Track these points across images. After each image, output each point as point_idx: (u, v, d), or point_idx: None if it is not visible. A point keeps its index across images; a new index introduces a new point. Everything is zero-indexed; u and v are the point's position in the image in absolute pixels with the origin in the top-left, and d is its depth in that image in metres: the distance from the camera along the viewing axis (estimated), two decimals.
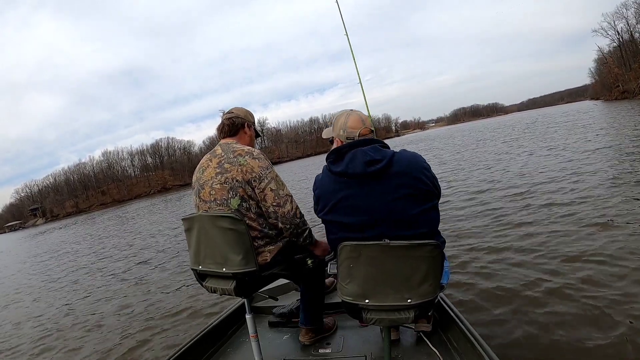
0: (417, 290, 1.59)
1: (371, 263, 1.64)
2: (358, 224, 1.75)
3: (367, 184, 1.74)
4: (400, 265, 1.60)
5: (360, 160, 1.74)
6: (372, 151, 1.77)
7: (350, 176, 1.76)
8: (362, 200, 1.74)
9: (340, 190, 1.80)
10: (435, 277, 1.61)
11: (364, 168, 1.72)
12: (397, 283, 1.62)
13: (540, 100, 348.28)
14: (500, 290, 3.55)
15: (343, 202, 1.78)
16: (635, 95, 55.27)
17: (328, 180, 1.88)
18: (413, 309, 1.61)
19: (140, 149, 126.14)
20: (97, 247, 14.46)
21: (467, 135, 38.33)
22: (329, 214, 1.86)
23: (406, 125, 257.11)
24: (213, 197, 2.03)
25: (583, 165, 8.57)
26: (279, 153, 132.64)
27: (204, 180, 2.09)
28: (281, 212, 2.01)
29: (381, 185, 1.72)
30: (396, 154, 1.78)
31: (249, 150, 2.07)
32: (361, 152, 1.77)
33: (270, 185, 2.01)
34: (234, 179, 1.99)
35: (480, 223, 5.92)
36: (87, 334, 4.90)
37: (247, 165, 2.00)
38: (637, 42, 60.91)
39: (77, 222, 45.85)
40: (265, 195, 2.00)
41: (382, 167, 1.71)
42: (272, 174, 2.04)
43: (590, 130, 17.09)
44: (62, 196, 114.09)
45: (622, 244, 3.91)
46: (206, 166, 2.12)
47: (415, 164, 1.76)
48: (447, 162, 16.12)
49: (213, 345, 2.64)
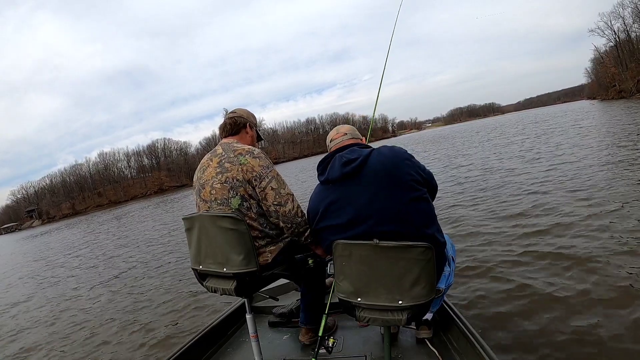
0: (409, 293, 1.60)
1: (362, 262, 1.67)
2: (345, 224, 1.76)
3: (346, 184, 1.77)
4: (391, 266, 1.61)
5: (337, 163, 1.80)
6: (349, 153, 1.83)
7: (332, 181, 1.82)
8: (346, 201, 1.77)
9: (326, 197, 1.84)
10: (429, 280, 1.60)
11: (340, 170, 1.77)
12: (388, 283, 1.63)
13: (536, 100, 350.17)
14: (501, 291, 3.55)
15: (330, 208, 1.82)
16: (632, 94, 55.52)
17: (318, 192, 1.93)
18: (405, 311, 1.61)
19: (137, 150, 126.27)
20: (96, 248, 14.41)
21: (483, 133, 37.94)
22: (319, 222, 1.89)
23: (403, 126, 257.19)
24: (214, 197, 2.03)
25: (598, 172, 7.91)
26: (275, 154, 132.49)
27: (205, 180, 2.08)
28: (282, 211, 2.00)
29: (360, 183, 1.74)
30: (374, 151, 1.82)
31: (249, 150, 2.07)
32: (339, 157, 1.84)
33: (271, 184, 2.00)
34: (235, 178, 1.99)
35: (482, 223, 5.92)
36: (87, 334, 4.88)
37: (248, 165, 2.00)
38: (634, 42, 61.14)
39: (70, 226, 45.52)
40: (266, 194, 1.99)
41: (358, 165, 1.75)
42: (273, 173, 2.03)
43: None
44: (59, 198, 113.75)
45: (628, 247, 3.87)
46: (207, 166, 2.12)
47: (393, 157, 1.77)
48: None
49: (213, 345, 2.65)
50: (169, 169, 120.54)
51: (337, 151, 1.91)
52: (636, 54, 59.70)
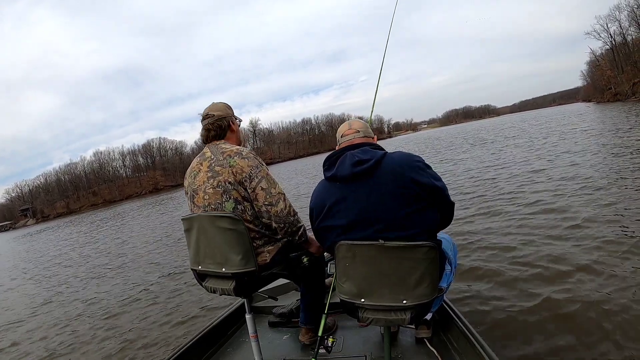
0: (413, 292, 1.59)
1: (367, 263, 1.65)
2: (349, 225, 1.72)
3: (355, 185, 1.72)
4: (396, 266, 1.61)
5: (348, 162, 1.74)
6: (361, 153, 1.76)
7: (340, 179, 1.75)
8: (352, 202, 1.71)
9: (332, 195, 1.78)
10: (432, 280, 1.61)
11: (351, 169, 1.71)
12: (392, 283, 1.62)
13: (532, 102, 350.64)
14: (501, 291, 3.56)
15: (335, 207, 1.76)
16: (627, 97, 55.79)
17: (322, 189, 1.87)
18: (409, 310, 1.61)
19: (132, 149, 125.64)
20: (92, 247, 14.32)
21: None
22: (323, 221, 1.83)
23: (398, 127, 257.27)
24: (207, 202, 2.01)
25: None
26: (271, 154, 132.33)
27: (197, 186, 2.06)
28: (274, 211, 1.97)
29: (369, 185, 1.68)
30: (388, 154, 1.76)
31: (237, 151, 2.03)
32: (350, 155, 1.77)
33: (261, 184, 1.97)
34: (226, 181, 1.96)
35: (483, 222, 5.95)
36: (85, 334, 4.86)
37: (237, 166, 1.97)
38: (630, 45, 61.43)
39: (68, 224, 45.32)
40: (257, 194, 1.97)
41: (369, 166, 1.68)
42: (263, 173, 2.00)
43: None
44: (53, 197, 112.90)
45: (630, 251, 3.86)
46: (197, 170, 2.08)
47: (407, 163, 1.70)
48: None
49: (213, 345, 2.64)
50: (164, 169, 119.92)
51: (347, 148, 1.84)
52: (632, 57, 59.96)
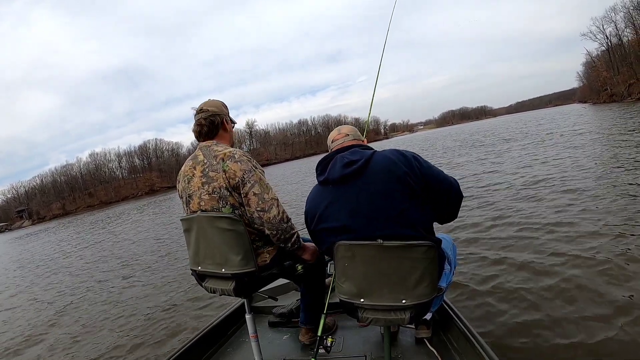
0: (413, 292, 1.60)
1: (366, 262, 1.65)
2: (345, 226, 1.71)
3: (347, 186, 1.72)
4: (395, 265, 1.61)
5: (338, 164, 1.75)
6: (350, 154, 1.77)
7: (332, 182, 1.76)
8: (345, 203, 1.71)
9: (325, 198, 1.78)
10: (431, 279, 1.62)
11: (340, 171, 1.72)
12: (392, 283, 1.62)
13: (528, 103, 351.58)
14: (501, 291, 3.57)
15: (329, 209, 1.76)
16: (623, 98, 56.09)
17: (316, 193, 1.88)
18: (408, 310, 1.61)
19: (128, 150, 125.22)
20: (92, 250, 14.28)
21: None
22: (318, 224, 1.82)
23: (395, 128, 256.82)
24: (203, 208, 1.99)
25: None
26: (267, 155, 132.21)
27: (192, 191, 2.03)
28: (266, 218, 1.91)
29: (361, 185, 1.68)
30: (377, 153, 1.77)
31: (230, 153, 1.98)
32: (340, 157, 1.78)
33: (254, 189, 1.91)
34: (221, 187, 1.93)
35: (483, 223, 5.95)
36: (84, 334, 4.85)
37: (230, 171, 1.92)
38: (626, 46, 61.78)
39: (65, 225, 45.13)
40: (249, 200, 1.91)
41: (359, 166, 1.69)
42: (256, 177, 1.93)
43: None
44: (49, 198, 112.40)
45: (628, 250, 3.86)
46: (191, 175, 2.04)
47: (397, 160, 1.70)
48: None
49: (213, 345, 2.64)
50: (160, 170, 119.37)
51: (338, 152, 1.85)
52: (628, 58, 60.35)
